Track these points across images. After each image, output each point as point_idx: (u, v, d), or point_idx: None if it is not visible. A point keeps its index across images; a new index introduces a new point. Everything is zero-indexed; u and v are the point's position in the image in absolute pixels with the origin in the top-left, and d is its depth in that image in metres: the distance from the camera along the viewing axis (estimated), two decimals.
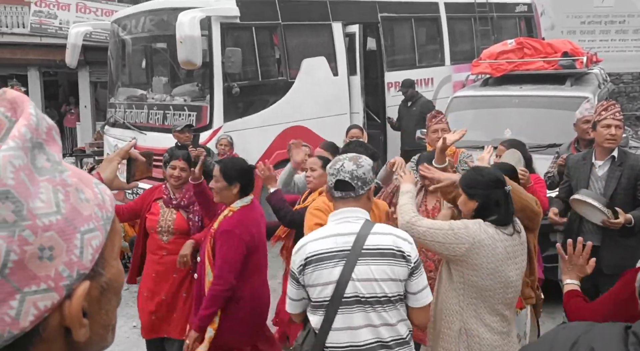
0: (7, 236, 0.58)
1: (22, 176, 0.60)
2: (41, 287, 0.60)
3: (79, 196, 0.64)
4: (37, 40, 13.94)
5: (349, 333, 2.22)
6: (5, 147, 0.59)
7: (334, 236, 2.25)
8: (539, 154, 5.69)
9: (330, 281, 2.21)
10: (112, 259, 0.70)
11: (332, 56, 7.95)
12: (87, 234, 0.64)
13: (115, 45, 8.27)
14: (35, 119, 0.62)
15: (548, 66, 6.96)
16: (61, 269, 0.62)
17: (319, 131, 7.56)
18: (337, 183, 2.30)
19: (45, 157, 0.63)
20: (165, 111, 7.22)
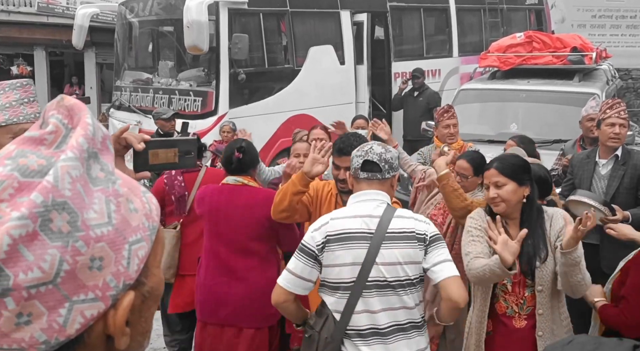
0: (62, 245, 0.59)
1: (79, 187, 0.61)
2: (89, 296, 0.62)
3: (129, 206, 0.66)
4: (43, 19, 13.87)
5: (369, 316, 2.22)
6: (64, 157, 0.61)
7: (360, 217, 2.23)
8: (544, 150, 5.66)
9: (354, 262, 2.18)
10: (154, 268, 0.71)
11: (339, 45, 7.90)
12: (134, 245, 0.66)
13: (122, 28, 8.24)
14: (92, 128, 0.64)
15: (557, 61, 6.90)
16: (109, 280, 0.64)
17: (324, 120, 7.47)
18: (365, 164, 2.29)
19: (99, 167, 0.65)
20: (171, 96, 7.21)
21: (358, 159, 2.31)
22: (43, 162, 0.61)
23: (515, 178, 2.55)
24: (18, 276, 0.57)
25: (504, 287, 2.62)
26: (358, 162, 2.31)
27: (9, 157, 0.61)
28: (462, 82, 9.02)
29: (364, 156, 2.30)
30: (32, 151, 0.62)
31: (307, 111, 7.52)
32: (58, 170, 0.60)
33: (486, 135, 6.23)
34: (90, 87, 14.78)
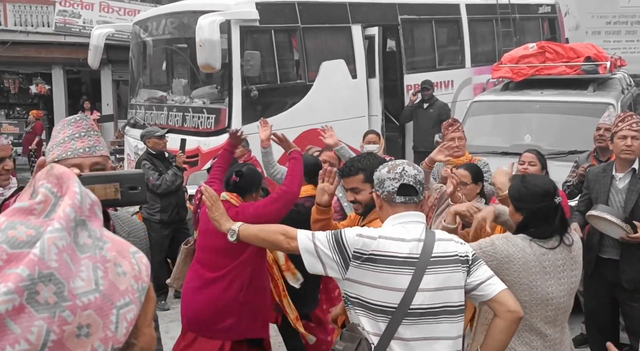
0: (48, 316, 0.61)
1: (65, 256, 0.63)
2: None
3: (117, 270, 0.67)
4: (61, 39, 14.16)
5: (404, 344, 2.10)
6: (51, 228, 0.62)
7: (406, 242, 2.13)
8: (559, 161, 5.61)
9: (398, 288, 2.08)
10: (144, 328, 0.72)
11: (351, 59, 7.93)
12: (122, 309, 0.67)
13: (137, 47, 8.36)
14: (79, 197, 0.65)
15: (570, 71, 6.84)
16: (97, 345, 0.65)
17: (337, 134, 7.50)
18: (402, 187, 2.19)
19: (87, 233, 0.66)
20: (185, 113, 7.28)
21: (393, 183, 2.20)
22: (32, 232, 0.63)
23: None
24: (5, 350, 0.58)
25: None
26: (393, 186, 2.19)
27: None
28: (475, 93, 8.99)
29: (399, 180, 2.20)
30: (22, 222, 0.64)
31: (320, 125, 7.49)
32: (45, 242, 0.61)
33: (500, 147, 6.19)
34: (107, 104, 15.00)
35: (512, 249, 2.45)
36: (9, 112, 15.62)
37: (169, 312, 5.63)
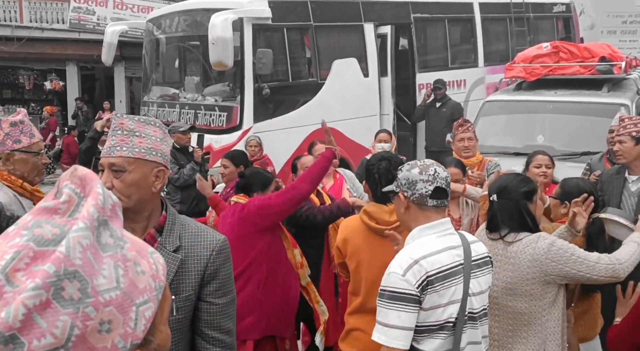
0: (73, 312, 0.63)
1: (89, 255, 0.66)
2: None
3: (137, 269, 0.69)
4: (75, 35, 14.27)
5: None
6: (76, 228, 0.65)
7: (449, 250, 2.07)
8: (572, 163, 5.57)
9: (454, 299, 2.03)
10: (161, 325, 0.75)
11: (363, 57, 7.92)
12: (141, 307, 0.69)
13: (150, 44, 8.41)
14: (102, 198, 0.67)
15: (584, 71, 6.78)
16: (117, 341, 0.67)
17: (349, 133, 7.55)
18: (435, 191, 2.10)
19: (109, 233, 0.68)
20: (197, 111, 7.31)
21: (426, 185, 2.09)
22: (57, 231, 0.65)
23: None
24: (32, 343, 0.60)
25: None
26: (427, 188, 2.09)
27: (25, 228, 0.66)
28: (488, 92, 8.93)
29: (432, 182, 2.09)
30: (47, 221, 0.66)
31: (331, 124, 7.46)
32: (70, 240, 0.64)
33: (512, 147, 6.15)
34: (120, 101, 15.11)
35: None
36: (24, 108, 15.75)
37: None
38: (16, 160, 2.49)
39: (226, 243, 1.70)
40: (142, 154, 1.61)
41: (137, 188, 1.59)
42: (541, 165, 3.89)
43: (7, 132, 2.49)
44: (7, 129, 2.49)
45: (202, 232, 1.67)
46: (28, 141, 2.52)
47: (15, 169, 2.48)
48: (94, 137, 5.07)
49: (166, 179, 1.65)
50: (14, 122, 2.51)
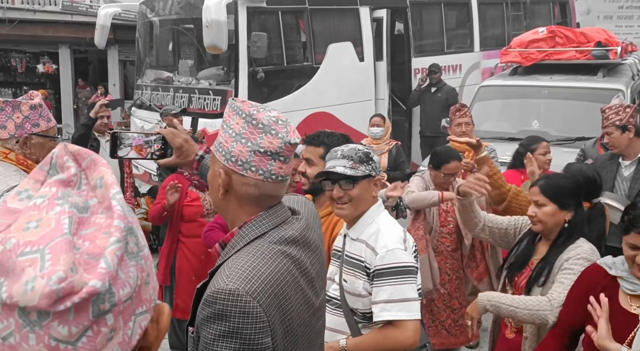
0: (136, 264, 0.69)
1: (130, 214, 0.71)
2: (144, 309, 0.71)
3: (147, 280, 0.72)
4: (68, 18, 14.10)
5: None
6: (113, 191, 0.70)
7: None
8: (566, 148, 5.58)
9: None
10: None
11: (359, 41, 7.86)
12: (139, 317, 0.71)
13: (144, 27, 8.32)
14: (120, 208, 0.70)
15: (580, 56, 6.76)
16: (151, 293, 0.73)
17: (344, 118, 7.53)
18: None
19: (134, 240, 0.71)
20: (191, 94, 7.27)
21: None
22: (82, 200, 0.69)
23: (556, 200, 2.45)
24: (119, 293, 0.65)
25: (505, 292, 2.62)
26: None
27: (57, 198, 0.68)
28: (484, 77, 8.91)
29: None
30: (70, 192, 0.70)
31: (326, 109, 7.51)
32: (119, 201, 0.69)
33: (507, 133, 6.16)
34: (114, 85, 14.99)
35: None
36: (16, 91, 15.63)
37: None
38: (33, 144, 2.45)
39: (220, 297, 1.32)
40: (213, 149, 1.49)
41: (210, 187, 1.48)
42: (546, 152, 3.91)
43: (27, 115, 2.44)
44: (26, 112, 2.45)
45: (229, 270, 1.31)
46: (46, 125, 2.48)
47: (32, 153, 2.45)
48: (88, 124, 5.01)
49: (235, 185, 1.40)
50: (34, 105, 2.47)
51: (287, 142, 1.37)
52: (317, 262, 1.48)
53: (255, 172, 1.36)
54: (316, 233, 1.52)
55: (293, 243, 1.41)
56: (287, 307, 1.33)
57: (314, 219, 1.56)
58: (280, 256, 1.36)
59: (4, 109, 2.43)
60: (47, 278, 0.60)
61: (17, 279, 0.61)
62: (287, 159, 1.39)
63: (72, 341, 0.62)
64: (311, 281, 1.43)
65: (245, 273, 1.28)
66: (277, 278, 1.32)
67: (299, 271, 1.39)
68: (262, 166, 1.37)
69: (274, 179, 1.38)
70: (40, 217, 0.65)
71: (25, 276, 0.61)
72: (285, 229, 1.41)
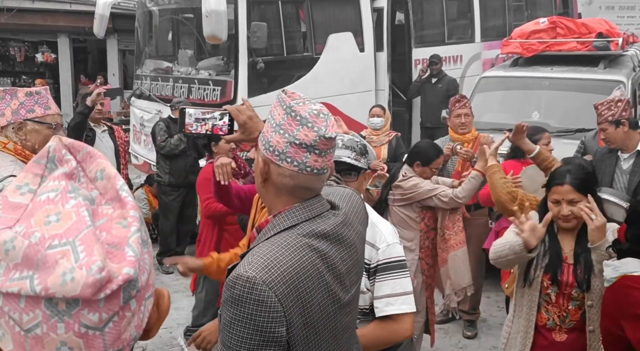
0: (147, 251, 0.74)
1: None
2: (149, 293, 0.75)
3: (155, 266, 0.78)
4: (67, 7, 14.02)
5: None
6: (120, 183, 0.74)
7: None
8: (567, 139, 5.57)
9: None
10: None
11: (359, 32, 7.83)
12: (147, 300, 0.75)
13: (143, 17, 8.27)
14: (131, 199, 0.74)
15: (581, 47, 6.73)
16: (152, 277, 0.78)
17: (344, 108, 7.50)
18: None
19: (144, 228, 0.75)
20: (190, 85, 7.24)
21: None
22: (87, 192, 0.72)
23: (587, 191, 2.45)
24: (141, 278, 0.69)
25: (547, 297, 2.52)
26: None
27: (68, 191, 0.70)
28: (485, 68, 8.87)
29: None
30: (76, 185, 0.73)
31: (327, 99, 7.47)
32: (127, 192, 0.73)
33: (507, 124, 6.10)
34: (113, 74, 14.93)
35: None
36: (15, 80, 15.58)
37: (174, 283, 5.72)
38: (29, 131, 2.44)
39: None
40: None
41: (254, 174, 1.53)
42: (549, 142, 3.93)
43: (22, 101, 2.44)
44: (22, 98, 2.45)
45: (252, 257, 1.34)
46: (42, 111, 2.47)
47: (27, 140, 2.44)
48: (84, 112, 4.99)
49: (273, 174, 1.42)
50: (30, 92, 2.47)
51: (322, 136, 1.36)
52: (350, 258, 1.46)
53: (290, 164, 1.38)
54: (354, 229, 1.51)
55: (323, 238, 1.40)
56: (307, 300, 1.33)
57: (355, 215, 1.54)
58: (306, 249, 1.36)
59: (4, 98, 2.42)
60: (87, 268, 0.63)
61: (51, 272, 0.62)
62: (323, 152, 1.39)
63: (101, 327, 0.65)
64: (339, 276, 1.42)
65: (267, 262, 1.30)
66: (299, 271, 1.32)
67: (325, 266, 1.38)
68: (297, 158, 1.37)
69: (309, 171, 1.38)
70: (58, 210, 0.67)
71: (60, 268, 0.62)
72: (317, 223, 1.41)
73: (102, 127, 5.44)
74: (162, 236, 6.23)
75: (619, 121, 3.65)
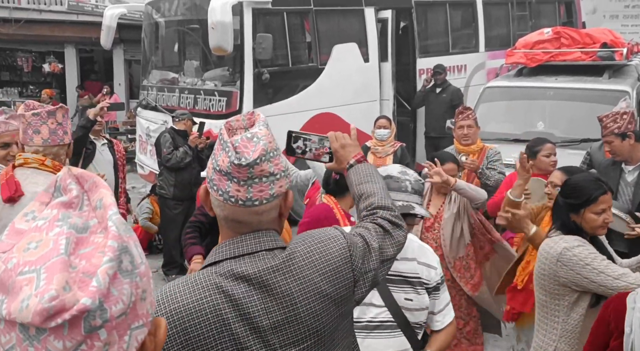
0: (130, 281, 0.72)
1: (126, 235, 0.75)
2: (140, 323, 0.75)
3: (142, 296, 0.76)
4: (74, 17, 14.14)
5: None
6: (111, 212, 0.74)
7: None
8: (572, 149, 5.58)
9: None
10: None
11: (364, 42, 7.87)
12: (135, 331, 0.74)
13: (149, 28, 8.35)
14: (115, 228, 0.73)
15: (586, 57, 6.74)
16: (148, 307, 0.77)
17: (348, 118, 7.53)
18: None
19: (129, 258, 0.74)
20: (196, 95, 7.29)
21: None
22: (82, 221, 0.73)
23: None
24: (112, 309, 0.68)
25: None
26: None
27: (57, 220, 0.72)
28: (489, 77, 8.90)
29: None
30: (71, 213, 0.74)
31: (331, 110, 7.52)
32: (115, 222, 0.73)
33: (512, 134, 6.15)
34: (119, 84, 15.03)
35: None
36: (22, 90, 15.69)
37: None
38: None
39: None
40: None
41: None
42: (551, 153, 3.90)
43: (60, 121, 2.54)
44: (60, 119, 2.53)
45: (159, 289, 1.32)
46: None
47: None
48: (87, 126, 4.99)
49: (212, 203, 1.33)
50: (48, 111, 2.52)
51: (232, 162, 1.21)
52: (279, 311, 1.24)
53: (216, 192, 1.26)
54: (299, 278, 1.27)
55: (242, 280, 1.23)
56: (196, 345, 1.19)
57: (314, 263, 1.30)
58: (213, 289, 1.22)
59: (39, 114, 2.45)
60: (40, 296, 0.64)
61: (15, 297, 0.66)
62: (242, 181, 1.22)
63: None
64: (258, 330, 1.22)
65: (163, 296, 1.23)
66: (194, 312, 1.19)
67: (234, 313, 1.21)
68: (221, 186, 1.25)
69: (233, 202, 1.24)
70: (40, 238, 0.70)
71: (22, 294, 0.65)
72: (242, 263, 1.25)
73: (102, 141, 5.43)
74: (165, 248, 6.23)
75: (625, 133, 3.64)
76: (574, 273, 2.35)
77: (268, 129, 1.29)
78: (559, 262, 2.39)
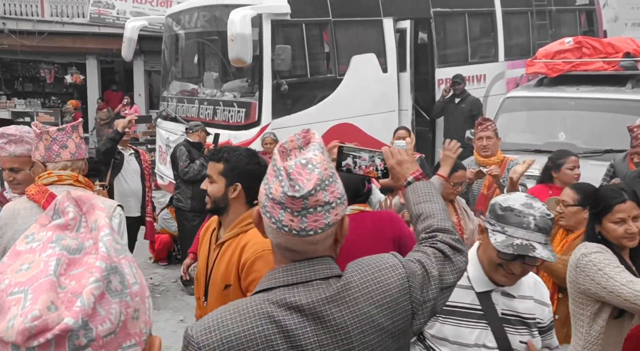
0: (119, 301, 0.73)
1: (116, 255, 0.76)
2: (132, 342, 0.76)
3: (134, 315, 0.77)
4: (95, 29, 14.38)
5: None
6: (103, 233, 0.76)
7: None
8: (594, 160, 5.49)
9: None
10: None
11: (382, 52, 7.87)
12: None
13: (169, 40, 8.45)
14: (105, 249, 0.75)
15: (608, 67, 6.66)
16: (142, 327, 0.78)
17: (367, 129, 7.53)
18: None
19: (118, 278, 0.75)
20: (215, 106, 7.34)
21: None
22: (76, 243, 0.75)
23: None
24: (97, 328, 0.71)
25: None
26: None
27: (51, 241, 0.74)
28: (509, 87, 8.83)
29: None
30: (65, 235, 0.76)
31: (350, 120, 7.52)
32: (105, 242, 0.74)
33: (533, 145, 6.08)
34: (139, 95, 15.22)
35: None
36: (45, 101, 15.97)
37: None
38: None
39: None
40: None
41: None
42: (575, 166, 3.85)
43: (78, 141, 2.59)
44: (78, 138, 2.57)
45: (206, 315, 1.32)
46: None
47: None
48: (115, 138, 5.07)
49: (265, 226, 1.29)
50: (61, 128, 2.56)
51: (285, 193, 1.16)
52: (334, 344, 1.19)
53: (269, 219, 1.21)
54: (355, 310, 1.22)
55: (294, 311, 1.19)
56: None
57: (369, 294, 1.24)
58: (264, 319, 1.18)
59: (65, 129, 2.49)
60: (24, 316, 0.66)
61: (4, 317, 0.68)
62: (297, 212, 1.16)
63: None
64: None
65: (212, 323, 1.20)
66: (244, 341, 1.17)
67: (286, 345, 1.17)
68: (274, 214, 1.19)
69: (287, 231, 1.18)
70: (32, 259, 0.72)
71: (10, 314, 0.67)
72: (296, 292, 1.21)
73: (129, 151, 5.52)
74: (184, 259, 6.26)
75: None
76: (589, 279, 2.32)
77: (324, 155, 1.21)
78: (577, 268, 2.38)
